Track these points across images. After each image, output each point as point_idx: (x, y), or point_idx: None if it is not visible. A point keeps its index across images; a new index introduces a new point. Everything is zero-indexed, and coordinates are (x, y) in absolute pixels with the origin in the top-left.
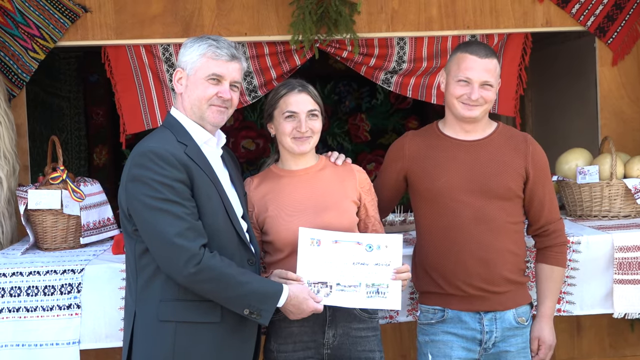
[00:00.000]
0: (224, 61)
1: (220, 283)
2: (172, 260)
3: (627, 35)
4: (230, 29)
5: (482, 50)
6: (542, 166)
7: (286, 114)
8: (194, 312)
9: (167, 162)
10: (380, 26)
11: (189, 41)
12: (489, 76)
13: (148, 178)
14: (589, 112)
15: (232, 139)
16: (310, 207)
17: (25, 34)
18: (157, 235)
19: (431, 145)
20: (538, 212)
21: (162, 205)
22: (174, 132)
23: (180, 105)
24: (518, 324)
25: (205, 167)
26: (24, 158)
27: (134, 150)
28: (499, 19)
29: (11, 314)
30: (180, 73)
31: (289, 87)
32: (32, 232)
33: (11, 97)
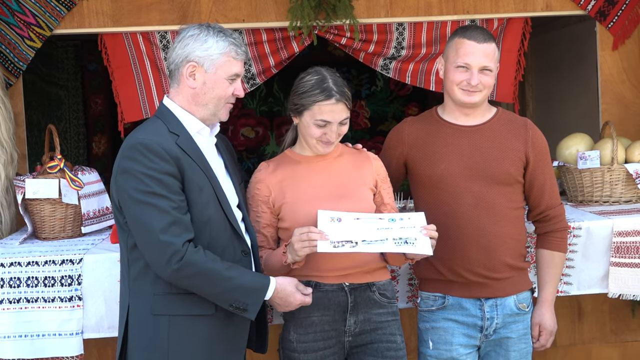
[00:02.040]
0: (241, 60)
1: (204, 279)
2: (156, 256)
3: (628, 19)
4: (227, 16)
5: (481, 35)
6: (542, 151)
7: (319, 121)
8: (187, 305)
9: (157, 155)
10: (379, 11)
11: (201, 34)
12: (487, 61)
13: (137, 171)
14: (590, 97)
15: (231, 127)
16: (328, 194)
17: (22, 22)
18: (143, 229)
19: (431, 131)
20: (538, 198)
21: (149, 199)
22: (166, 123)
23: (181, 96)
24: (519, 310)
25: (197, 158)
26: (22, 147)
27: (125, 143)
28: (498, 3)
29: (12, 305)
30: (194, 68)
31: (326, 93)
32: (30, 221)
33: (8, 85)
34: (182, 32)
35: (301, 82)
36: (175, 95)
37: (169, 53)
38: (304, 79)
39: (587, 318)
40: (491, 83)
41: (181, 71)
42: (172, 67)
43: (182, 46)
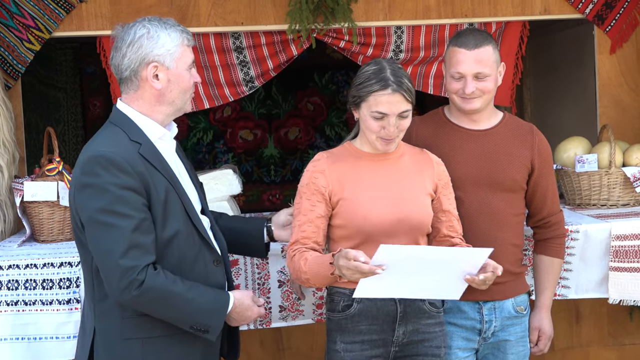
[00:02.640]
0: (192, 46)
1: (165, 303)
2: (115, 281)
3: (626, 22)
4: (226, 19)
5: (472, 41)
6: (546, 158)
7: (375, 113)
8: (159, 326)
9: (119, 169)
10: (378, 15)
11: (151, 31)
12: (481, 67)
13: (97, 187)
14: (588, 101)
15: (229, 129)
16: (389, 196)
17: (20, 25)
18: (102, 253)
19: (438, 133)
20: (540, 204)
21: (110, 219)
22: (126, 131)
23: (141, 101)
24: (517, 313)
25: (161, 167)
26: (20, 149)
27: (83, 155)
28: (497, 7)
29: (9, 307)
30: (156, 69)
31: (382, 83)
32: (29, 224)
33: (7, 88)
34: (125, 36)
35: (359, 73)
36: (133, 100)
37: (116, 61)
38: (362, 69)
39: (585, 321)
40: (490, 87)
41: (141, 75)
42: (125, 74)
43: (135, 49)
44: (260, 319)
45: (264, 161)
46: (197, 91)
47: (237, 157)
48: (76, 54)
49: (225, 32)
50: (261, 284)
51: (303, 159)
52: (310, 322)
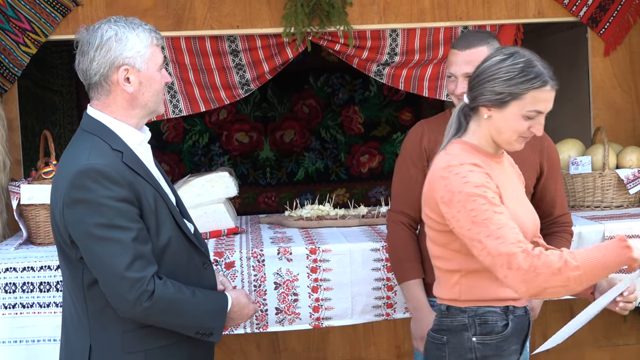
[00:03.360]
0: (161, 45)
1: (174, 311)
2: (122, 296)
3: (619, 25)
4: (222, 22)
5: (464, 42)
6: (555, 161)
7: (531, 112)
8: (161, 336)
9: (111, 181)
10: (373, 18)
11: (119, 33)
12: (470, 67)
13: (91, 201)
14: (582, 103)
15: (225, 132)
16: (518, 199)
17: (17, 28)
18: (106, 269)
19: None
20: (550, 207)
21: (109, 233)
22: (105, 139)
23: (114, 106)
24: None
25: (145, 174)
26: (17, 152)
27: (69, 168)
28: (491, 9)
29: (7, 311)
30: (127, 72)
31: (541, 79)
32: (26, 227)
33: (3, 91)
34: (92, 39)
35: (501, 67)
36: (105, 106)
37: (83, 65)
38: (504, 62)
39: None
40: None
41: (112, 79)
42: (95, 79)
43: (104, 53)
44: (257, 323)
45: (259, 164)
46: (193, 94)
47: (233, 159)
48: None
49: (221, 35)
50: (257, 286)
51: (299, 162)
52: (307, 327)
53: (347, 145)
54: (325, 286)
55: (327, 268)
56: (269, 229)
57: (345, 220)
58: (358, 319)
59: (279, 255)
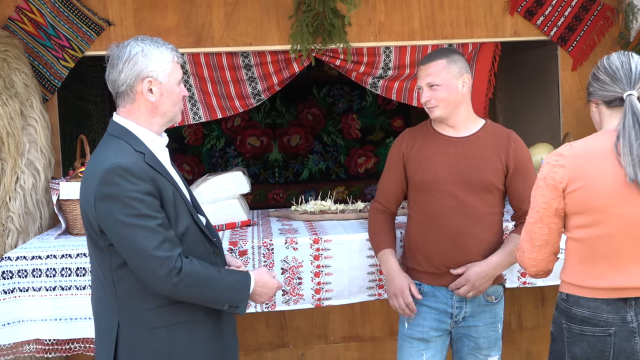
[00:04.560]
0: (181, 63)
1: (202, 286)
2: (154, 273)
3: (586, 43)
4: (236, 40)
5: (426, 58)
6: (522, 161)
7: None
8: (182, 314)
9: (136, 176)
10: (369, 37)
11: (145, 49)
12: (431, 78)
13: (120, 195)
14: (552, 112)
15: (239, 136)
16: None
17: (57, 45)
18: (136, 251)
19: (424, 142)
20: (518, 202)
21: (137, 221)
22: (129, 142)
23: (137, 113)
24: (487, 302)
25: (164, 173)
26: (56, 154)
27: (98, 167)
28: (473, 30)
29: (48, 292)
30: (151, 83)
31: None
32: (64, 219)
33: (44, 100)
34: (121, 54)
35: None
36: (129, 113)
37: (112, 77)
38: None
39: (549, 304)
40: (443, 96)
41: (137, 89)
42: (122, 88)
43: (131, 66)
44: (266, 303)
45: (269, 164)
46: (210, 103)
47: (246, 161)
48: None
49: (235, 52)
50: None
51: (303, 163)
52: (310, 306)
53: (346, 149)
54: (326, 271)
55: (328, 256)
56: (277, 222)
57: (344, 214)
58: (354, 299)
59: (286, 245)
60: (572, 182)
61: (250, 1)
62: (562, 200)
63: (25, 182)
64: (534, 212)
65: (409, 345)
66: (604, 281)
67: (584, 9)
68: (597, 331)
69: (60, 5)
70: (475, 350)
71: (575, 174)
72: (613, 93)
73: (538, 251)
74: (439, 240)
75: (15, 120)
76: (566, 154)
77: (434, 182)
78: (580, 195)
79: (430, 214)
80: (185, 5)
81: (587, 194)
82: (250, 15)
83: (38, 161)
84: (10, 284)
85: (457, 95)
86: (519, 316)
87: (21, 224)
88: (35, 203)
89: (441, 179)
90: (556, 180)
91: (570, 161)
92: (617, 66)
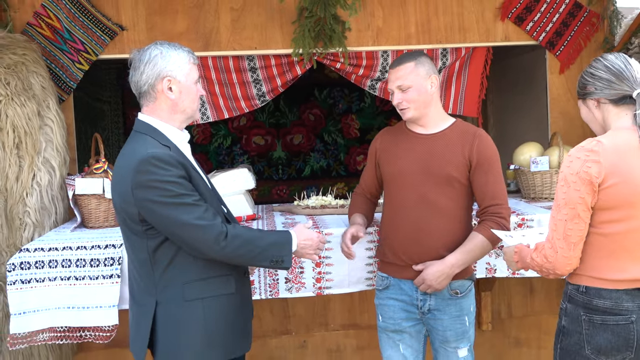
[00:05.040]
0: (198, 65)
1: (248, 246)
2: (204, 240)
3: (573, 48)
4: (242, 44)
5: (395, 62)
6: (486, 157)
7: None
8: (215, 288)
9: (168, 163)
10: (367, 41)
11: (164, 52)
12: (400, 81)
13: (156, 181)
14: (541, 112)
15: (245, 136)
16: None
17: (72, 49)
18: (181, 225)
19: (396, 138)
20: (480, 197)
21: (176, 199)
22: (155, 137)
23: (159, 111)
24: (451, 296)
25: (189, 164)
26: (72, 152)
27: (129, 159)
28: (466, 35)
29: (63, 282)
30: (170, 82)
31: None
32: (79, 213)
33: (61, 101)
34: (142, 57)
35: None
36: (151, 111)
37: (135, 78)
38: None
39: (537, 294)
40: (413, 97)
41: (157, 88)
42: (144, 88)
43: (151, 67)
44: (270, 290)
45: (273, 162)
46: (218, 104)
47: (251, 158)
48: (118, 73)
49: (241, 55)
50: None
51: (305, 160)
52: (311, 294)
53: (345, 147)
54: (326, 262)
55: (329, 247)
56: (281, 216)
57: (344, 208)
58: (353, 288)
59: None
60: (608, 178)
61: (256, 7)
62: (595, 195)
63: (41, 178)
64: (568, 209)
65: (386, 337)
66: (625, 273)
67: (571, 15)
68: (620, 319)
69: (75, 10)
70: (444, 343)
71: (611, 169)
72: (621, 91)
73: (574, 248)
74: (402, 232)
75: (32, 120)
76: (598, 150)
77: (398, 175)
78: (615, 191)
79: (395, 206)
80: (194, 11)
81: (622, 190)
82: (255, 21)
83: (54, 159)
84: (28, 274)
85: (426, 96)
86: (509, 305)
87: (37, 218)
88: (50, 199)
89: (405, 172)
90: (592, 175)
91: (605, 157)
92: (621, 66)
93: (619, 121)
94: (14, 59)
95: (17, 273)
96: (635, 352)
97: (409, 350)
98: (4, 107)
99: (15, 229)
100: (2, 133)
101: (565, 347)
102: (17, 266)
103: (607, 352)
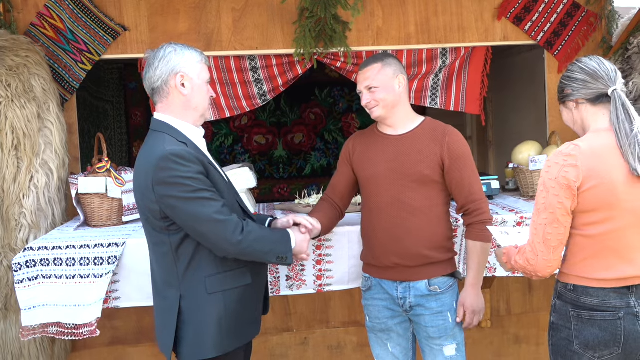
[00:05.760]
0: (208, 66)
1: (261, 242)
2: (222, 234)
3: (571, 47)
4: (244, 44)
5: (363, 63)
6: (458, 154)
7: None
8: (234, 280)
9: (187, 160)
10: (368, 41)
11: (177, 49)
12: (369, 81)
13: (176, 177)
14: (539, 111)
15: (246, 135)
16: None
17: (75, 49)
18: (200, 219)
19: (368, 142)
20: (458, 194)
21: (196, 195)
22: (172, 135)
23: (172, 107)
24: (430, 292)
25: (207, 160)
26: (75, 151)
27: (149, 157)
28: (465, 34)
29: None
30: (183, 79)
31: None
32: (82, 212)
33: (64, 101)
34: (157, 54)
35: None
36: (165, 109)
37: (149, 74)
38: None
39: (536, 291)
40: (381, 97)
41: (170, 84)
42: (157, 85)
43: (165, 63)
44: (271, 288)
45: (274, 161)
46: (219, 103)
47: (253, 157)
48: (121, 73)
49: (243, 55)
50: None
51: (306, 159)
52: (312, 292)
53: None
54: (327, 260)
55: (329, 245)
56: (282, 214)
57: None
58: (353, 285)
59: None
60: (587, 181)
61: (257, 8)
62: (575, 199)
63: (39, 180)
64: (548, 214)
65: (375, 337)
66: (612, 272)
67: (569, 15)
68: (608, 315)
69: (78, 11)
70: (428, 339)
71: (589, 173)
72: (597, 90)
73: (554, 252)
74: (379, 234)
75: (32, 122)
76: (575, 154)
77: (372, 179)
78: (595, 194)
79: (371, 209)
80: (196, 12)
81: (601, 192)
82: (256, 21)
83: (52, 161)
84: (34, 271)
85: (394, 95)
86: (508, 303)
87: (33, 220)
88: (47, 201)
89: (379, 175)
90: (570, 179)
91: (582, 160)
92: (595, 66)
93: (597, 122)
94: (16, 61)
95: (23, 272)
96: (622, 348)
97: (397, 349)
98: (3, 109)
99: (10, 229)
100: (1, 134)
101: (555, 342)
102: (22, 265)
103: (595, 347)
